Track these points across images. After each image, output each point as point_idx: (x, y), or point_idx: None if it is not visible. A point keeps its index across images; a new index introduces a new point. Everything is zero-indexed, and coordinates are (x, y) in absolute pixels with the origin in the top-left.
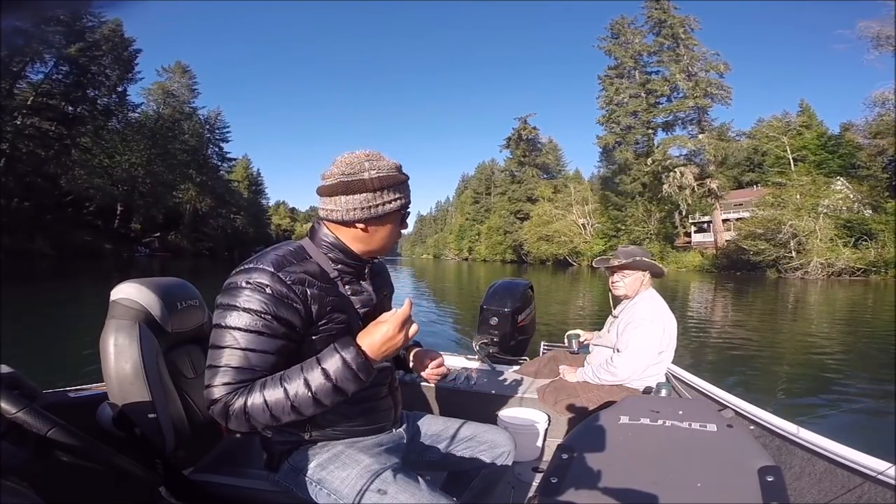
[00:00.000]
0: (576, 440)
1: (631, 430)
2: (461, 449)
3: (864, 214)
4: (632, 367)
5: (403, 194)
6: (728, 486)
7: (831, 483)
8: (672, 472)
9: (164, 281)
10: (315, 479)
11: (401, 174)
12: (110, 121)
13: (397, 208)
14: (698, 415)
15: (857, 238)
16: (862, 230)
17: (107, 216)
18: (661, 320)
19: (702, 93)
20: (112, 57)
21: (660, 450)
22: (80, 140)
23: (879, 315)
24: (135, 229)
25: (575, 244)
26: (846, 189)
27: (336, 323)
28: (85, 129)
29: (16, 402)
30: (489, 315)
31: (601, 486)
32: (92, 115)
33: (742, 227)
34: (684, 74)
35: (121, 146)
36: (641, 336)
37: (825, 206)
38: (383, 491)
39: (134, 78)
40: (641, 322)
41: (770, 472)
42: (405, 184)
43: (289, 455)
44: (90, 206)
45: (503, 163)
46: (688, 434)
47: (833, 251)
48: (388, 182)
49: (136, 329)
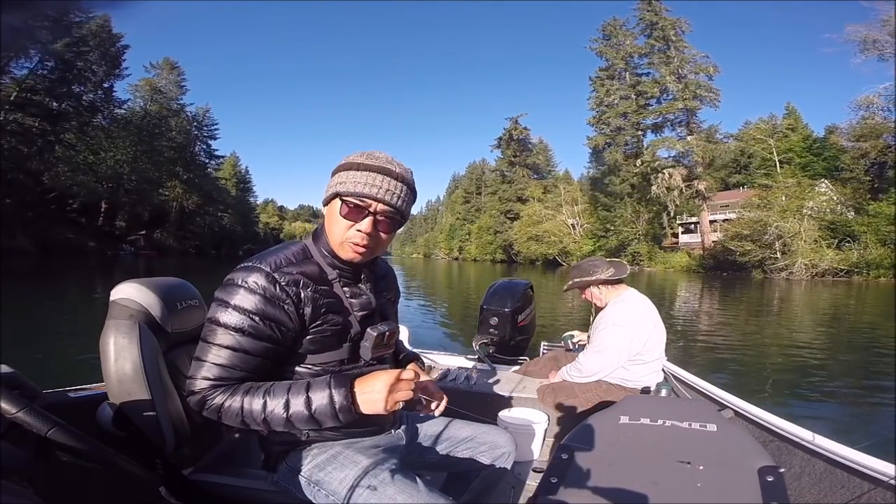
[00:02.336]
0: (576, 440)
1: (631, 430)
2: (461, 450)
3: (847, 216)
4: (594, 363)
5: (351, 181)
6: (728, 486)
7: (831, 483)
8: (672, 472)
9: (164, 281)
10: (313, 479)
11: (362, 161)
12: (95, 117)
13: (334, 194)
14: (698, 415)
15: (841, 239)
16: (845, 232)
17: (91, 214)
18: (626, 322)
19: (691, 95)
20: (99, 53)
21: (660, 450)
22: (65, 136)
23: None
24: (119, 227)
25: (564, 244)
26: (830, 191)
27: (331, 325)
28: (69, 126)
29: (16, 402)
30: (489, 315)
31: (601, 486)
32: (77, 112)
33: (729, 228)
34: (674, 76)
35: (106, 143)
36: (603, 337)
37: (809, 208)
38: (381, 492)
39: (121, 74)
40: (605, 325)
41: (770, 472)
42: (360, 171)
43: (286, 456)
44: (74, 203)
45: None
46: (688, 434)
47: (817, 252)
48: (343, 167)
49: (136, 329)
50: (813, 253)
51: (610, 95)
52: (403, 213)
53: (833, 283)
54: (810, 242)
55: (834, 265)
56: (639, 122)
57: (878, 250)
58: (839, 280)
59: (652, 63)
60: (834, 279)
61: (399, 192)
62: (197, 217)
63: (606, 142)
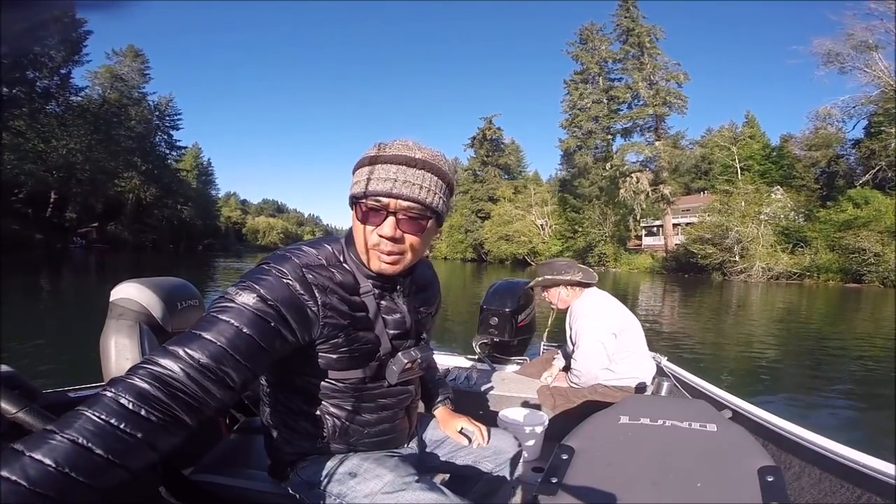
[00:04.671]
0: (576, 440)
1: (631, 430)
2: (464, 453)
3: (798, 223)
4: (585, 364)
5: (364, 179)
6: (728, 486)
7: (831, 483)
8: (672, 472)
9: (165, 281)
10: (333, 492)
11: (375, 154)
12: (49, 104)
13: (351, 198)
14: (698, 415)
15: (794, 244)
16: (798, 237)
17: (39, 205)
18: (597, 315)
19: (661, 101)
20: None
21: (660, 450)
22: (13, 123)
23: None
24: (70, 219)
25: (534, 244)
26: (783, 198)
27: (360, 343)
28: (20, 112)
29: (16, 402)
30: (489, 315)
31: (601, 486)
32: (29, 98)
33: (691, 231)
34: (646, 83)
35: (58, 130)
36: (580, 334)
37: (766, 214)
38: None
39: (80, 60)
40: (577, 319)
41: (770, 472)
42: (374, 166)
43: (297, 465)
44: (19, 193)
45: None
46: (688, 434)
47: (773, 256)
48: (358, 164)
49: (137, 329)
50: (769, 257)
51: (583, 99)
52: (433, 206)
53: (787, 286)
54: (767, 247)
55: (788, 268)
56: (609, 126)
57: (826, 255)
58: (792, 283)
59: (625, 69)
60: (787, 282)
61: (422, 182)
62: (155, 210)
63: (577, 145)
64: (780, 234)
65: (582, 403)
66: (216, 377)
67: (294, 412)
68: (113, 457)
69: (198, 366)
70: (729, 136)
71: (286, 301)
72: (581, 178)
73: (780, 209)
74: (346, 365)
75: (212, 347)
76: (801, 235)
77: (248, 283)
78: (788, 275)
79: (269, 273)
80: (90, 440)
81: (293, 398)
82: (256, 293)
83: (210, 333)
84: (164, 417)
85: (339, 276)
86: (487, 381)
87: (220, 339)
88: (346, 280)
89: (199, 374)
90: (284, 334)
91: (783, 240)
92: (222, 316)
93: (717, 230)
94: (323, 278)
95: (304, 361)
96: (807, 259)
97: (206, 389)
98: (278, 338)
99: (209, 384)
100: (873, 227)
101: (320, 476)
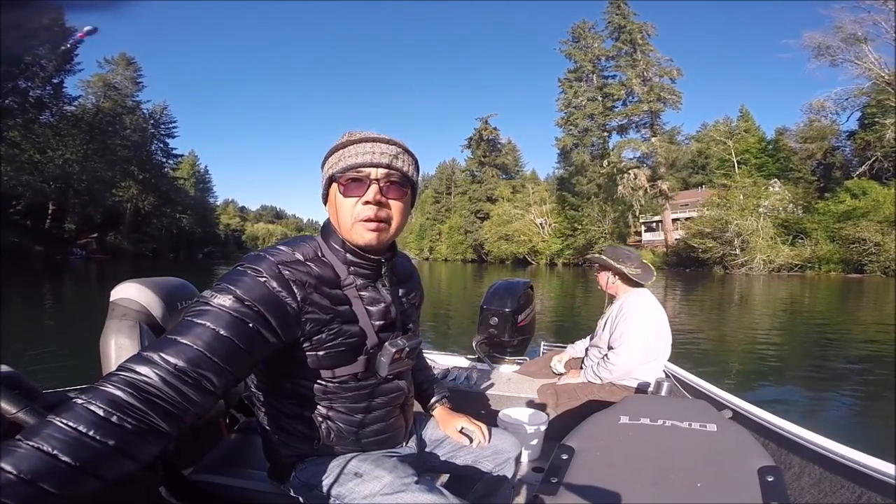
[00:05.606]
0: (576, 440)
1: (631, 430)
2: (464, 453)
3: (797, 215)
4: (626, 361)
5: (341, 159)
6: (728, 486)
7: (831, 483)
8: (672, 472)
9: (165, 281)
10: (333, 494)
11: (346, 140)
12: (43, 114)
13: (329, 179)
14: (698, 415)
15: (794, 236)
16: (797, 229)
17: (37, 216)
18: (650, 316)
19: (655, 97)
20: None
21: (660, 450)
22: (8, 134)
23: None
24: (69, 230)
25: (533, 243)
26: (781, 191)
27: (345, 337)
28: (13, 123)
29: (16, 402)
30: (489, 315)
31: (601, 486)
32: (22, 108)
33: (691, 226)
34: (640, 79)
35: (54, 141)
36: (630, 329)
37: (765, 207)
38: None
39: (73, 69)
40: (628, 316)
41: (770, 472)
42: (347, 147)
43: (296, 467)
44: (17, 204)
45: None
46: (688, 434)
47: (773, 249)
48: (329, 152)
49: (137, 329)
50: (769, 249)
51: (578, 97)
52: (408, 175)
53: (788, 278)
54: (767, 239)
55: (789, 261)
56: (605, 123)
57: (827, 246)
58: (794, 275)
59: (619, 66)
60: (789, 274)
61: (394, 153)
62: (153, 219)
63: (574, 143)
64: (779, 226)
65: (583, 403)
66: (194, 381)
67: (288, 416)
68: (82, 465)
69: (174, 371)
70: (724, 131)
71: (264, 300)
72: (579, 176)
73: (779, 202)
74: (334, 362)
75: (189, 352)
76: (800, 227)
77: (223, 285)
78: (790, 267)
79: (244, 273)
80: (56, 448)
81: (285, 402)
82: (233, 294)
83: (186, 338)
84: (140, 425)
85: (318, 269)
86: (487, 381)
87: (196, 343)
88: (325, 273)
89: (175, 380)
90: (265, 334)
91: (783, 232)
92: (198, 319)
93: (716, 224)
94: (301, 273)
95: (292, 364)
96: (807, 251)
97: (184, 395)
98: (258, 338)
99: (187, 389)
100: (872, 217)
101: (320, 478)
